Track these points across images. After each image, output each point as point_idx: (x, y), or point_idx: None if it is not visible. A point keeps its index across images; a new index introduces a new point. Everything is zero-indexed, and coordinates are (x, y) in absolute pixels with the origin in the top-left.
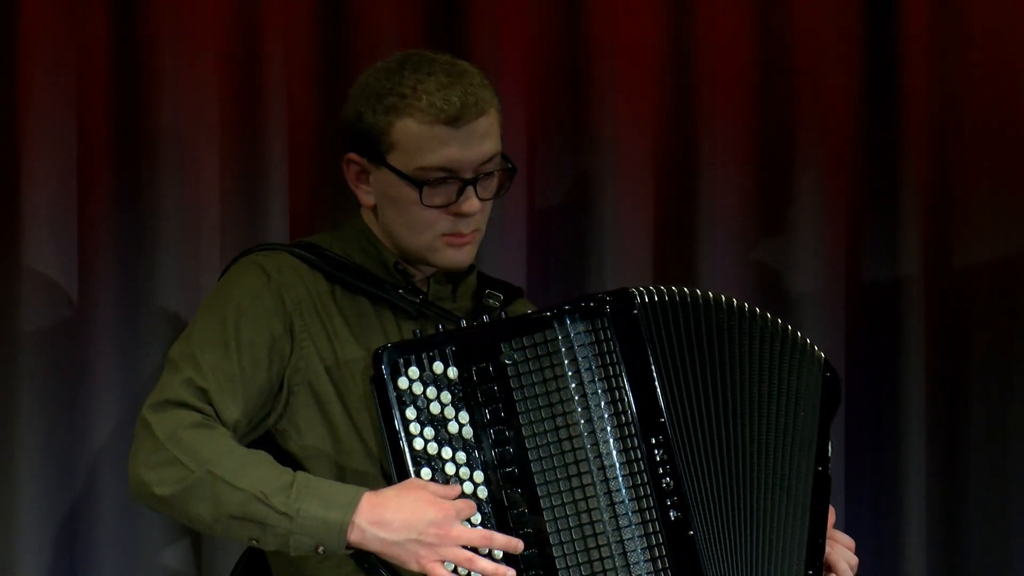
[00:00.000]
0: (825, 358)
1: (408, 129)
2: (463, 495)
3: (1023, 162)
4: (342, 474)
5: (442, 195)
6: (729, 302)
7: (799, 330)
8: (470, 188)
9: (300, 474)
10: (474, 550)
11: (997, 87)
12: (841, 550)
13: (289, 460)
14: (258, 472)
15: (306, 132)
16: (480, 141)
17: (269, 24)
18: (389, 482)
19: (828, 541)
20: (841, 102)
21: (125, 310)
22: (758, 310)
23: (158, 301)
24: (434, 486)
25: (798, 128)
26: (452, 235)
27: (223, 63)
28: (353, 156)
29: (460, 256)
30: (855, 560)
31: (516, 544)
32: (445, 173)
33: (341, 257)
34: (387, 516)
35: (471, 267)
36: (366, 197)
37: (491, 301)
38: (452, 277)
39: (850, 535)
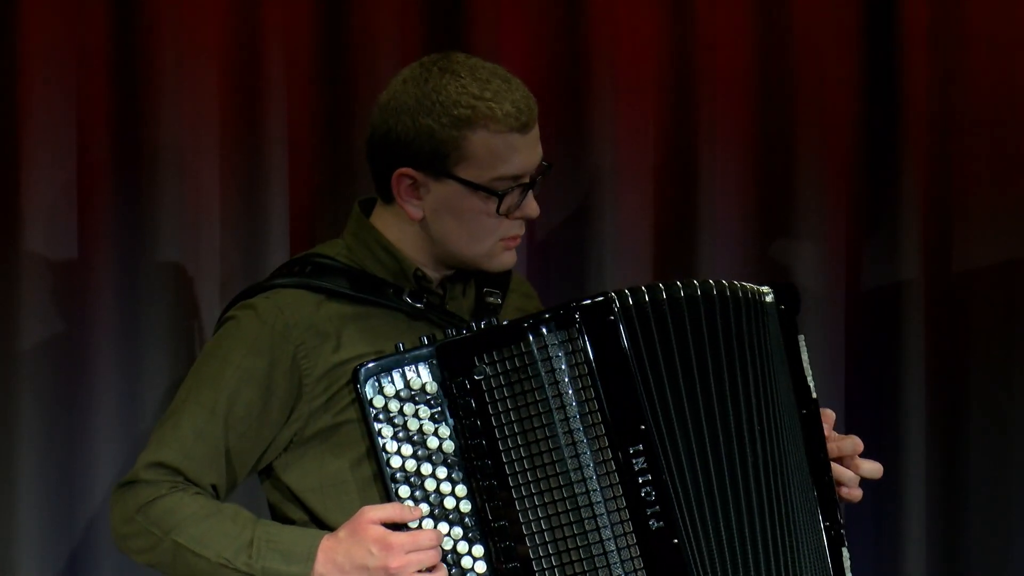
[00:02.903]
0: (772, 291)
1: (484, 141)
2: (442, 509)
3: (1023, 162)
4: (339, 505)
5: (510, 202)
6: (720, 292)
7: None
8: (530, 191)
9: (259, 527)
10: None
11: (997, 87)
12: (848, 468)
13: (287, 492)
14: (220, 532)
15: (306, 132)
16: (538, 144)
17: (269, 24)
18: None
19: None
20: (841, 102)
21: (125, 310)
22: (734, 286)
23: (158, 301)
24: (388, 510)
25: (798, 128)
26: (509, 239)
27: (223, 63)
28: (407, 171)
29: (513, 258)
30: (873, 468)
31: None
32: (515, 181)
33: (340, 264)
34: (339, 559)
35: None
36: (414, 211)
37: (491, 299)
38: (462, 275)
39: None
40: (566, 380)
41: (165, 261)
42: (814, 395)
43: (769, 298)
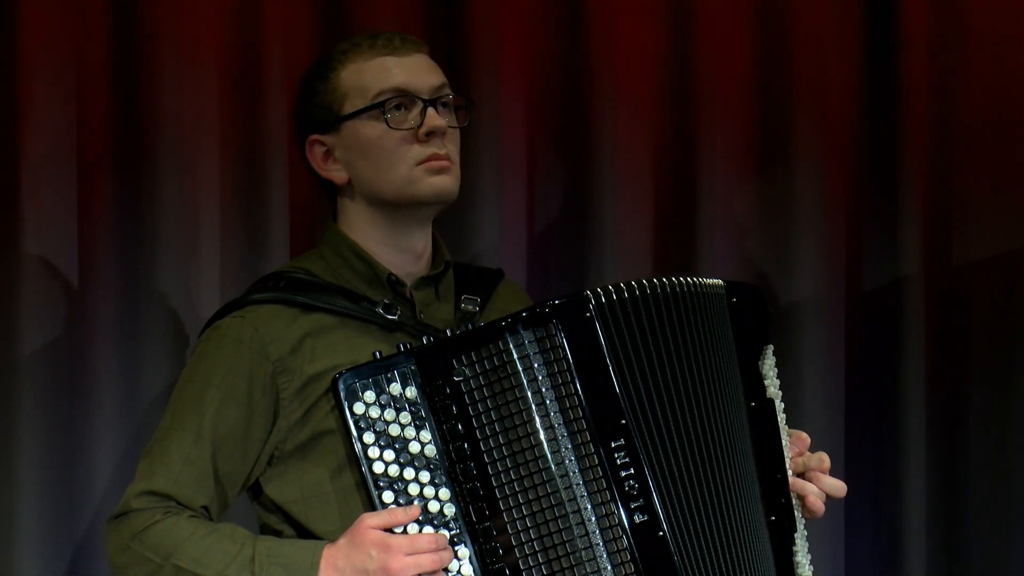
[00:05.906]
0: (726, 283)
1: (353, 69)
2: (426, 513)
3: (1022, 162)
4: (322, 515)
5: (406, 118)
6: (670, 287)
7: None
8: (430, 108)
9: (260, 543)
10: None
11: (997, 86)
12: (811, 480)
13: (272, 506)
14: (220, 551)
15: None
16: (428, 71)
17: (269, 23)
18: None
19: (804, 471)
20: (841, 102)
21: (125, 310)
22: (681, 280)
23: (158, 301)
24: (386, 516)
25: (798, 128)
26: (428, 160)
27: (223, 63)
28: (314, 136)
29: (443, 181)
30: (835, 485)
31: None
32: (402, 96)
33: (314, 278)
34: (339, 564)
35: (446, 263)
36: (338, 174)
37: (468, 307)
38: (432, 279)
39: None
40: (545, 378)
41: (165, 261)
42: (771, 391)
43: (718, 291)
